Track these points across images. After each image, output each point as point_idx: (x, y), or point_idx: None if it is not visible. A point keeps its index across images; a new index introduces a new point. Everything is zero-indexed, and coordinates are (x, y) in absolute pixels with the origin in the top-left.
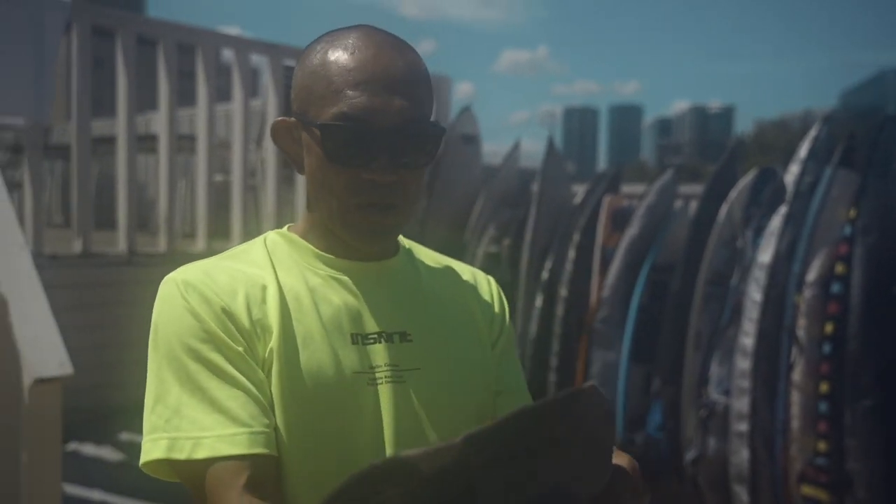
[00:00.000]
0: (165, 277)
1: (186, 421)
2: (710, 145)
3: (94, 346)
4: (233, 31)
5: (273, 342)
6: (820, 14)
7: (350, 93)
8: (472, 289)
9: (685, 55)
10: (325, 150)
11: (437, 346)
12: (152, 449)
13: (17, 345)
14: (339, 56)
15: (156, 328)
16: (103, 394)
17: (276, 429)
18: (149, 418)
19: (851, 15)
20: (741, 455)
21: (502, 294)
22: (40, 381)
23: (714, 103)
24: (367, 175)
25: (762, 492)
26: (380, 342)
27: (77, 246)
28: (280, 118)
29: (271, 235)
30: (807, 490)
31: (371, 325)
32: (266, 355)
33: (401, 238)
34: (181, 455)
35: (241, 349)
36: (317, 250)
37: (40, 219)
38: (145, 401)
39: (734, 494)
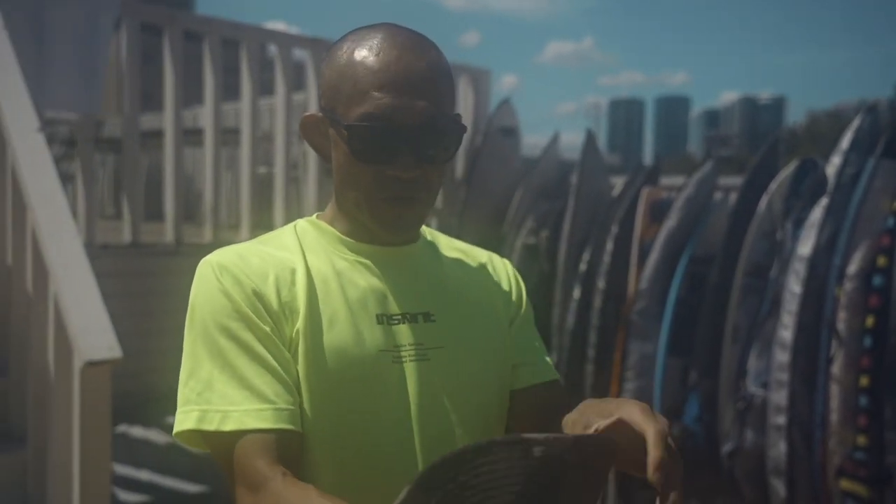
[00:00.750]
0: (202, 260)
1: (217, 395)
2: (759, 137)
3: (141, 332)
4: (278, 26)
5: (300, 323)
6: (874, 2)
7: (375, 94)
8: (489, 271)
9: (735, 45)
10: (351, 149)
11: (459, 326)
12: (184, 420)
13: (70, 330)
14: (364, 57)
15: (192, 307)
16: (150, 379)
17: (302, 406)
18: (182, 391)
19: None
20: (779, 448)
21: (518, 275)
22: (91, 364)
23: (764, 94)
24: (391, 171)
25: (800, 485)
26: (404, 322)
27: (127, 236)
28: (308, 113)
29: (301, 223)
30: (845, 484)
31: (396, 307)
32: (293, 335)
33: (424, 228)
34: (210, 426)
35: (268, 329)
36: (343, 236)
37: (92, 210)
38: (180, 375)
39: (771, 488)
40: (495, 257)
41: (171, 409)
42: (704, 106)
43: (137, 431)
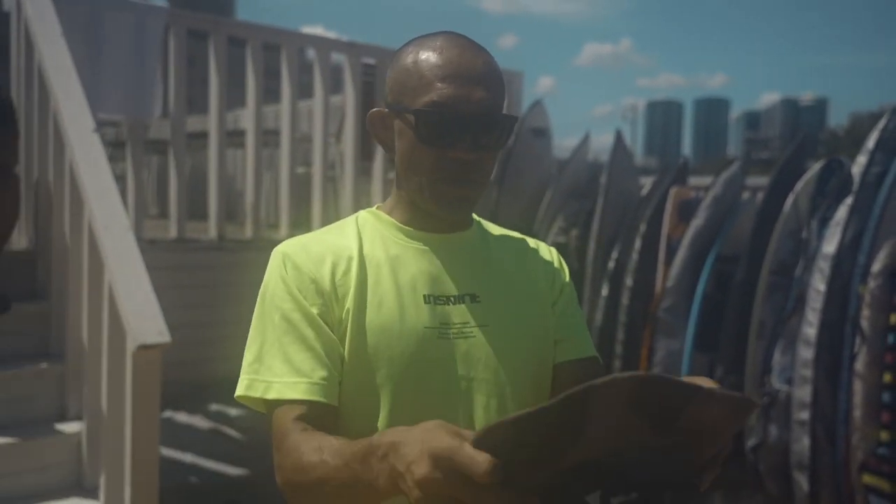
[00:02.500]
0: (274, 248)
1: (264, 367)
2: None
3: (186, 323)
4: (316, 30)
5: (350, 304)
6: None
7: (439, 84)
8: (534, 256)
9: (775, 46)
10: (417, 133)
11: (504, 306)
12: (239, 386)
13: (123, 316)
14: (428, 55)
15: (261, 289)
16: (195, 368)
17: (351, 380)
18: (244, 360)
19: None
20: (802, 443)
21: (562, 259)
22: (143, 348)
23: (806, 96)
24: (452, 154)
25: (823, 480)
26: (450, 303)
27: (173, 232)
28: (375, 109)
29: (362, 213)
30: (868, 479)
31: (444, 289)
32: (344, 315)
33: (473, 215)
34: (256, 394)
35: (317, 312)
36: (399, 224)
37: (141, 208)
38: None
39: (794, 482)
40: (542, 244)
41: (215, 397)
42: (744, 108)
43: (182, 417)
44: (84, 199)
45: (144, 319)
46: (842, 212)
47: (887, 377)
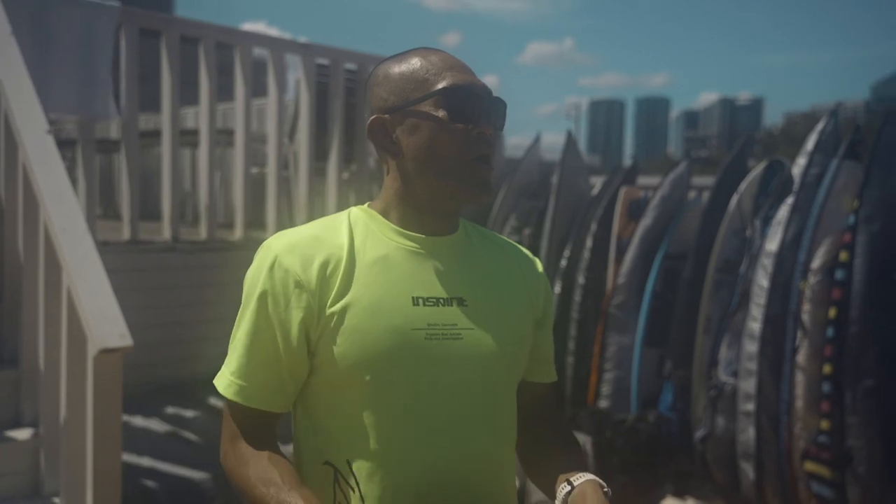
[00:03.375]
0: (262, 243)
1: (231, 358)
2: (738, 138)
3: (141, 326)
4: (258, 27)
5: (337, 303)
6: (851, 5)
7: (449, 73)
8: (523, 269)
9: (714, 46)
10: (449, 111)
11: (488, 312)
12: (219, 374)
13: (84, 320)
14: (421, 58)
15: (247, 281)
16: (151, 371)
17: (339, 379)
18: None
19: (884, 5)
20: (748, 433)
21: (549, 284)
22: (105, 351)
23: (743, 95)
24: (476, 129)
25: (768, 468)
26: (439, 305)
27: (126, 234)
28: (374, 116)
29: (354, 210)
30: (810, 466)
31: (432, 291)
32: (328, 314)
33: (462, 221)
34: (218, 384)
35: (296, 317)
36: (392, 224)
37: (92, 209)
38: None
39: (741, 471)
40: (537, 262)
41: (170, 400)
42: (684, 107)
43: (138, 421)
44: (39, 201)
45: (105, 323)
46: (783, 211)
47: (827, 369)
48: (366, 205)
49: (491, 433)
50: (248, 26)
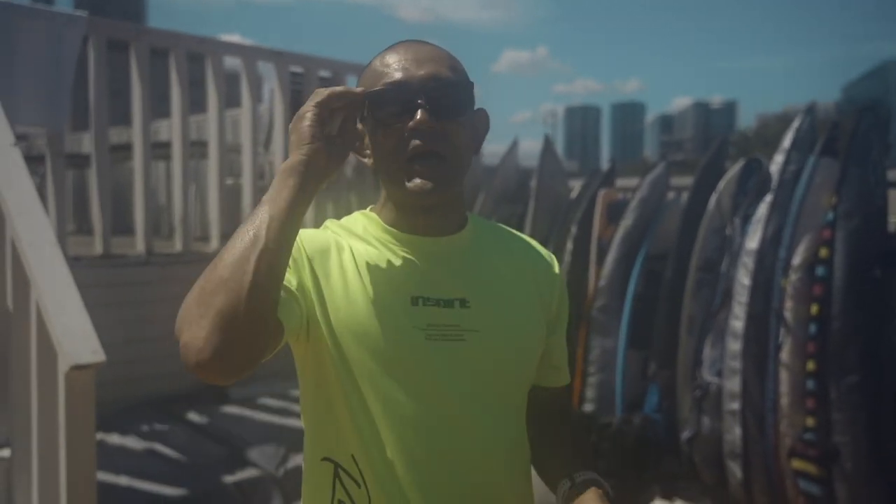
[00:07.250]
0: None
1: None
2: (712, 141)
3: (114, 342)
4: (233, 38)
5: (338, 298)
6: (821, 6)
7: (387, 71)
8: (536, 269)
9: (686, 52)
10: (375, 117)
11: (493, 314)
12: None
13: (54, 336)
14: (383, 57)
15: None
16: (126, 388)
17: (333, 372)
18: None
19: (853, 7)
20: (734, 433)
21: (564, 286)
22: (76, 368)
23: (716, 99)
24: (410, 126)
25: (754, 467)
26: (439, 306)
27: (98, 248)
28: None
29: (356, 214)
30: (796, 464)
31: (432, 291)
32: (328, 305)
33: (473, 217)
34: None
35: (300, 274)
36: (387, 226)
37: (62, 224)
38: None
39: (728, 470)
40: (555, 262)
41: (146, 416)
42: (658, 112)
43: (114, 439)
44: (6, 215)
45: (76, 338)
46: (762, 209)
47: (811, 365)
48: (368, 208)
49: (493, 437)
50: (222, 38)
